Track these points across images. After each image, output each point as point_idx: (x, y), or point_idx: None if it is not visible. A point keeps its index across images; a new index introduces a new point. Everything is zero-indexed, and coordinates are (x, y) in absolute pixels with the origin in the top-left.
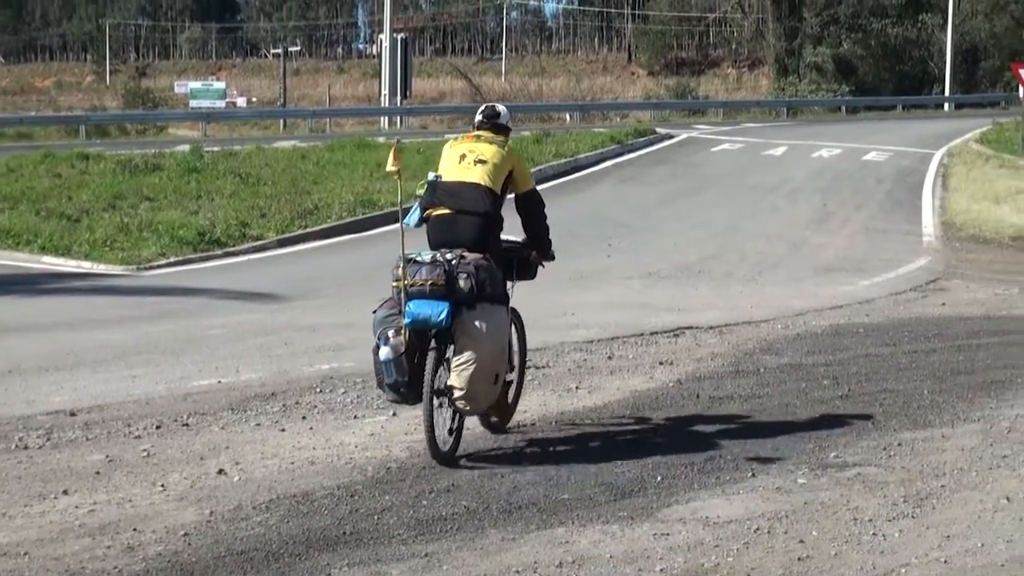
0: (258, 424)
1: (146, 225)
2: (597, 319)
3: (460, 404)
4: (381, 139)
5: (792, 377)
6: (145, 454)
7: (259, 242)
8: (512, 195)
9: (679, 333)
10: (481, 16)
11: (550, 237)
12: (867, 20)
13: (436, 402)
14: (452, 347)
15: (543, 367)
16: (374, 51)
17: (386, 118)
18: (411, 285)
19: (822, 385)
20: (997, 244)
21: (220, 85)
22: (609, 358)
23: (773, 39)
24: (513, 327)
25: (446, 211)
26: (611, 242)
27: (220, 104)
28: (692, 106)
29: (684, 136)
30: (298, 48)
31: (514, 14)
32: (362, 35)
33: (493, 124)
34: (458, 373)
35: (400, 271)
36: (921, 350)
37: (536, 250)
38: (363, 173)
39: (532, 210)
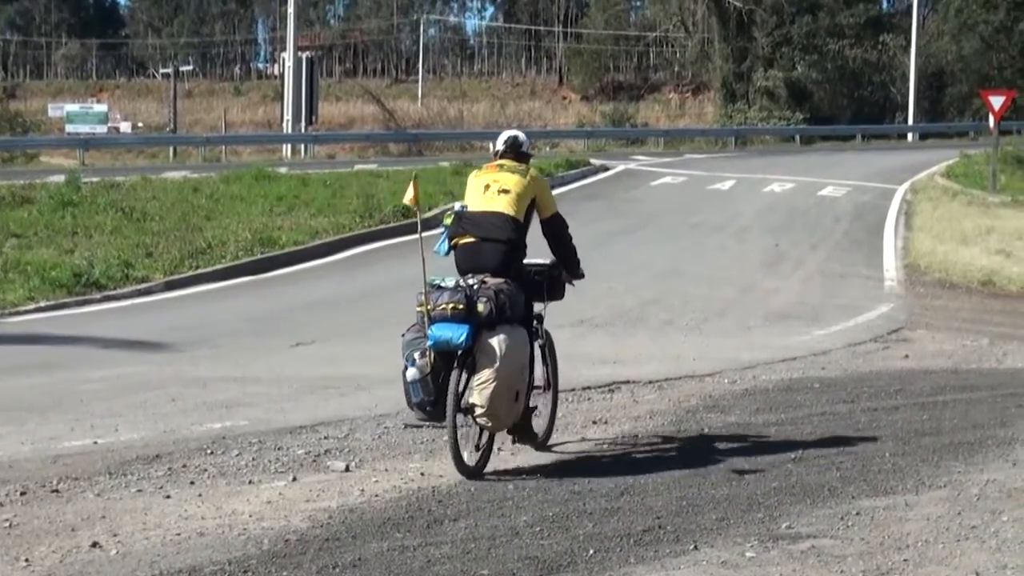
0: (139, 490)
1: (12, 265)
2: None
3: (483, 421)
4: (283, 170)
5: (740, 438)
6: (7, 524)
7: (144, 284)
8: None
9: (614, 388)
10: (395, 33)
11: (578, 256)
12: (823, 41)
13: (462, 419)
14: (472, 367)
15: (461, 427)
16: (276, 71)
17: (289, 146)
18: (433, 309)
19: (773, 446)
20: (965, 289)
21: (101, 108)
22: (536, 416)
23: (720, 61)
24: (545, 350)
25: (471, 239)
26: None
27: (101, 129)
28: (630, 135)
29: (621, 168)
30: (190, 67)
31: (432, 31)
32: (262, 53)
33: (516, 153)
34: (479, 391)
35: (424, 296)
36: (882, 408)
37: (565, 269)
38: (263, 208)
39: (558, 233)
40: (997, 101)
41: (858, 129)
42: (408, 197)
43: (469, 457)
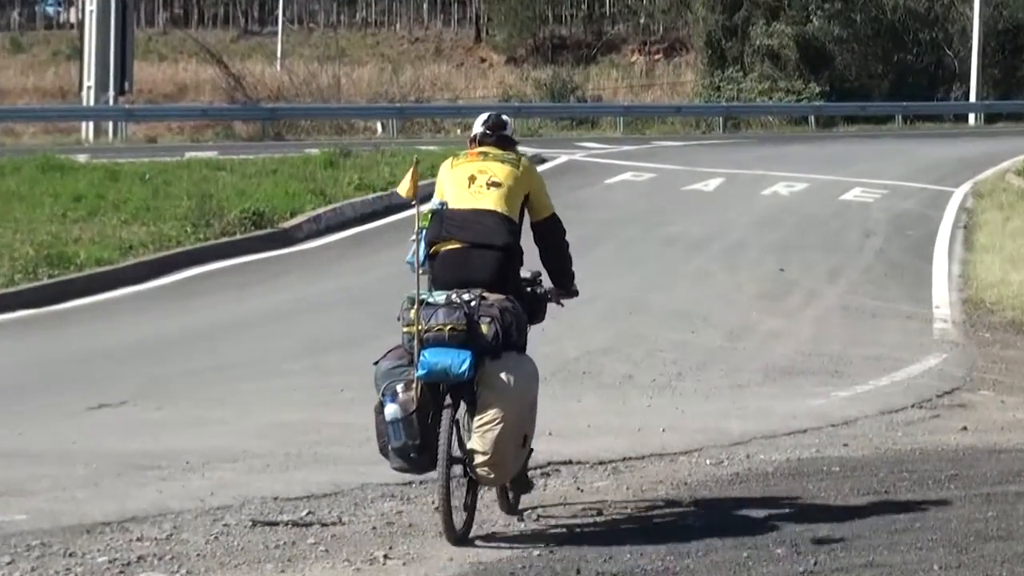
0: None
1: None
2: None
3: (483, 472)
4: (82, 158)
5: (727, 542)
6: None
7: None
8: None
9: (550, 471)
10: None
11: (573, 270)
12: None
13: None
14: (470, 404)
15: (333, 524)
16: (72, 18)
17: (91, 124)
18: (426, 330)
19: (774, 556)
20: None
21: None
22: (437, 509)
23: (703, 10)
24: None
25: (457, 245)
26: None
27: None
28: (576, 113)
29: (563, 160)
30: None
31: None
32: None
33: (499, 137)
34: (481, 435)
35: (412, 314)
36: (929, 501)
37: (557, 285)
38: (52, 212)
39: (553, 239)
40: None
41: (898, 107)
42: (404, 187)
43: (457, 517)
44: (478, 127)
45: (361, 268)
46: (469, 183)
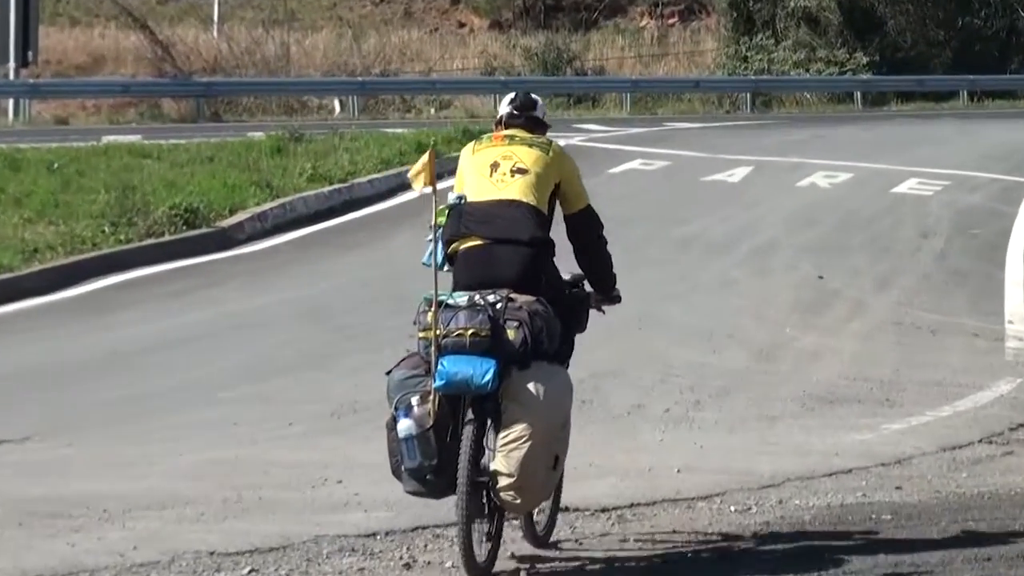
0: None
1: None
2: (386, 491)
3: (507, 496)
4: None
5: None
6: None
7: None
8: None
9: None
10: None
11: (614, 271)
12: None
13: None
14: (495, 419)
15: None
16: None
17: None
18: (445, 336)
19: None
20: None
21: None
22: (407, 566)
23: None
24: None
25: (478, 242)
26: (413, 344)
27: None
28: (575, 88)
29: (560, 144)
30: None
31: None
32: None
33: (528, 118)
34: (506, 454)
35: (429, 317)
36: (1002, 557)
37: (596, 288)
38: None
39: (589, 234)
40: None
41: (963, 81)
42: (418, 176)
43: (479, 548)
44: (504, 107)
45: (315, 275)
46: (491, 171)
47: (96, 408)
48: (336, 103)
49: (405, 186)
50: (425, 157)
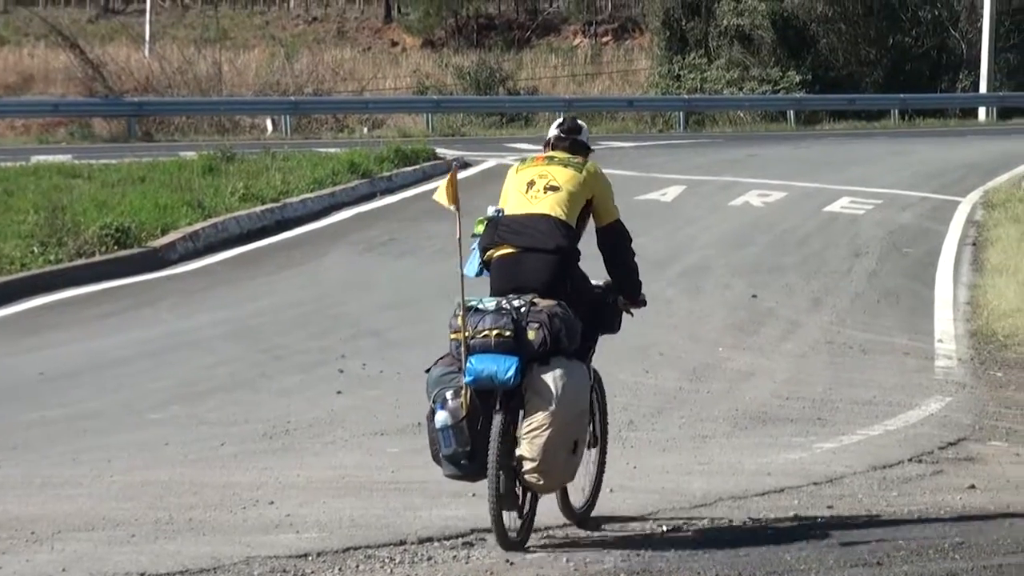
0: None
1: None
2: (318, 512)
3: (532, 479)
4: None
5: None
6: None
7: None
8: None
9: (474, 541)
10: None
11: (640, 278)
12: None
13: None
14: (520, 410)
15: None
16: None
17: None
18: (473, 336)
19: None
20: None
21: None
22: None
23: None
24: (593, 394)
25: (510, 250)
26: (345, 365)
27: None
28: (508, 107)
29: (492, 164)
30: None
31: None
32: None
33: (572, 141)
34: (529, 441)
35: (460, 320)
36: (930, 574)
37: (623, 294)
38: None
39: (618, 245)
40: None
41: (894, 100)
42: (443, 195)
43: (511, 524)
44: (553, 131)
45: (248, 295)
46: (528, 188)
47: (24, 429)
48: (268, 123)
49: (337, 206)
50: (448, 177)
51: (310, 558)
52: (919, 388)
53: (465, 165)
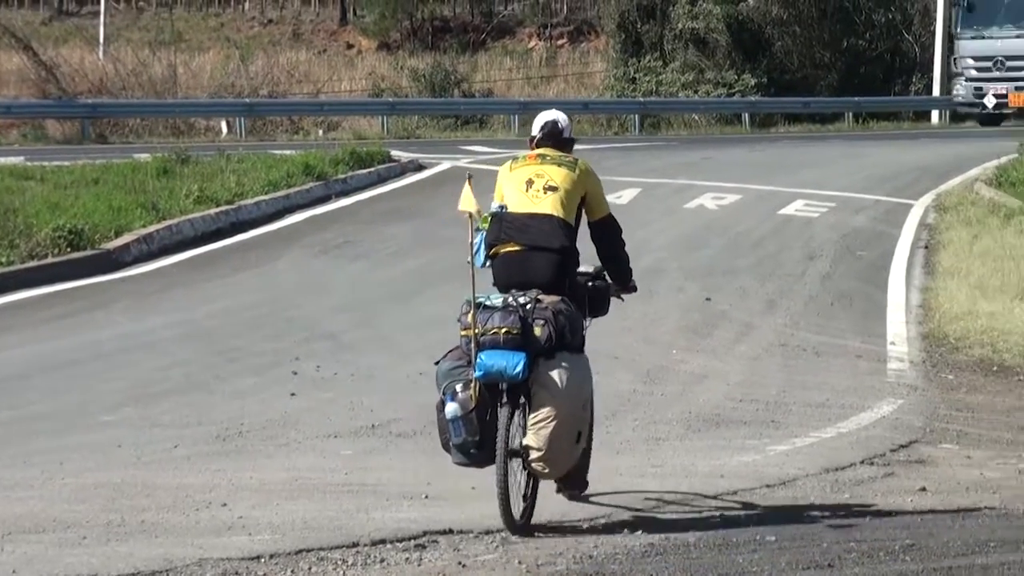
0: None
1: None
2: (270, 514)
3: (538, 467)
4: None
5: None
6: None
7: None
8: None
9: (427, 543)
10: None
11: (631, 266)
12: None
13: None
14: (527, 402)
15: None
16: None
17: None
18: (482, 333)
19: None
20: None
21: None
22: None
23: None
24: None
25: (515, 248)
26: (299, 367)
27: None
28: (463, 110)
29: (447, 167)
30: None
31: None
32: None
33: (557, 140)
34: (535, 432)
35: (469, 318)
36: None
37: (615, 282)
38: None
39: (611, 238)
40: None
41: (848, 103)
42: (469, 203)
43: (516, 509)
44: (535, 130)
45: (202, 298)
46: (527, 187)
47: None
48: (223, 125)
49: (292, 208)
50: (466, 185)
51: (263, 560)
52: (871, 390)
53: (419, 168)
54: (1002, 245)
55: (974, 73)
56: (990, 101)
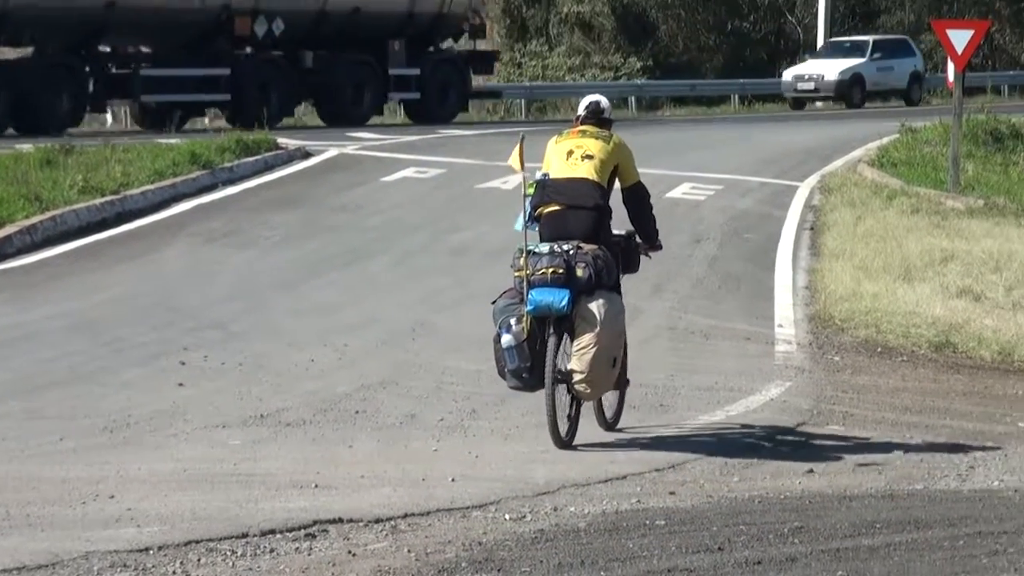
0: None
1: None
2: (159, 505)
3: (580, 388)
4: None
5: None
6: None
7: None
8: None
9: (316, 531)
10: None
11: (657, 227)
12: None
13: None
14: (570, 333)
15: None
16: None
17: None
18: (532, 274)
19: None
20: (908, 357)
21: None
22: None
23: None
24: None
25: (557, 207)
26: (187, 357)
27: None
28: None
29: (333, 153)
30: None
31: None
32: None
33: (598, 119)
34: (579, 357)
35: (521, 261)
36: (770, 560)
37: (644, 240)
38: None
39: (640, 202)
40: (960, 38)
41: (734, 85)
42: (516, 161)
43: (563, 428)
44: (581, 110)
45: (88, 288)
46: (567, 156)
47: None
48: (108, 114)
49: (179, 197)
50: (518, 146)
51: (151, 552)
52: (760, 373)
53: (306, 155)
54: (884, 226)
55: None
56: None
